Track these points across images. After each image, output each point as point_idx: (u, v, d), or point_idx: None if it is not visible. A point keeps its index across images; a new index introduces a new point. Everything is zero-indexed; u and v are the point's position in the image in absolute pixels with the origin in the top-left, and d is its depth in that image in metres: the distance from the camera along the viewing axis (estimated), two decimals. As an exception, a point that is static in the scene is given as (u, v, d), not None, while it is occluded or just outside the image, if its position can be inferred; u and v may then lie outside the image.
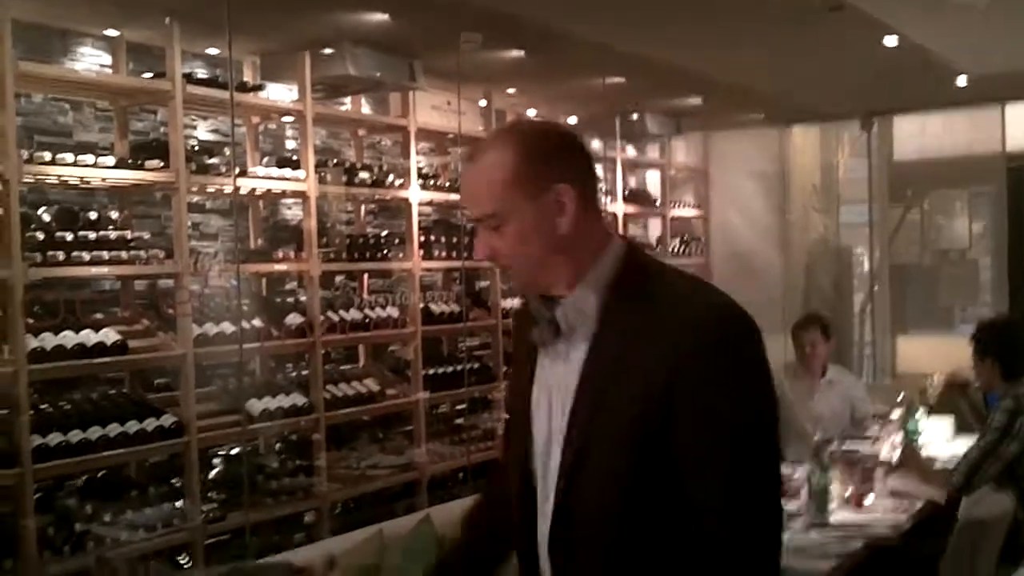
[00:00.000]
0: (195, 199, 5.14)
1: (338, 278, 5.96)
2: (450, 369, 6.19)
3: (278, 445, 5.37)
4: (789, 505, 4.35)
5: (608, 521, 1.70)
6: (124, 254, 4.35)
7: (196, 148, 5.01)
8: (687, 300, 1.73)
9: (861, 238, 9.95)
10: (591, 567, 1.72)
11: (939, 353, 7.97)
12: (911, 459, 4.91)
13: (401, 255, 5.89)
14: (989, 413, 4.42)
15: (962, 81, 7.55)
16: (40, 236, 4.08)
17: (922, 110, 9.17)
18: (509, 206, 1.75)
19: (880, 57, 6.58)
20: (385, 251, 5.81)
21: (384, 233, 6.03)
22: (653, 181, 9.15)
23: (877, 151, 9.35)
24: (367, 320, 5.54)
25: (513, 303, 6.76)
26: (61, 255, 4.10)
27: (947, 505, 4.52)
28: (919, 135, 9.85)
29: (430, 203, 6.31)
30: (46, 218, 4.28)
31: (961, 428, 5.68)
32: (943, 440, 5.63)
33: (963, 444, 4.83)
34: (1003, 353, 4.38)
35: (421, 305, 5.93)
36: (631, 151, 8.47)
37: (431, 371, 6.01)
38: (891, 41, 6.23)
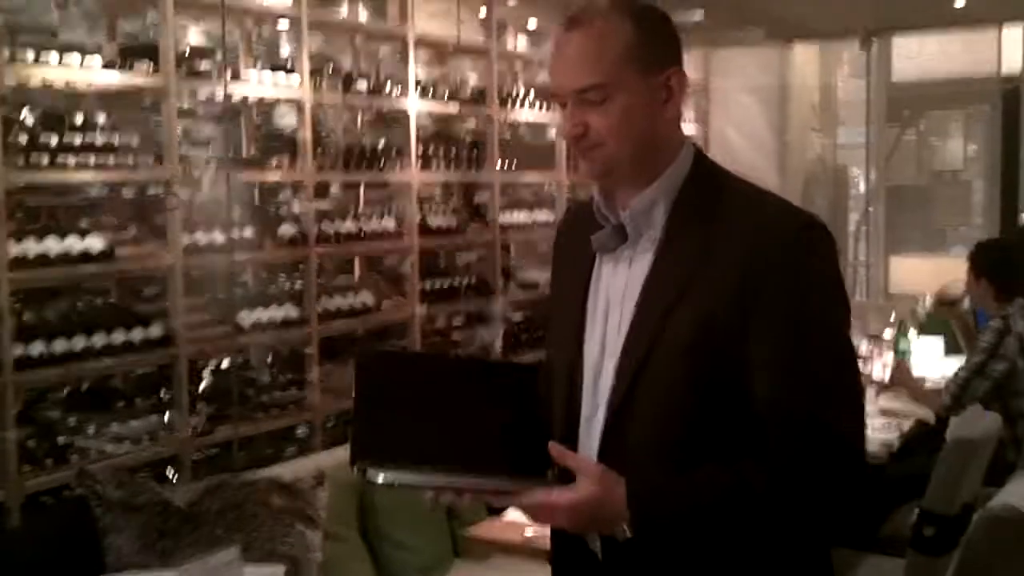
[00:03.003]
0: (186, 104, 4.99)
1: (333, 189, 5.84)
2: (447, 283, 6.10)
3: (269, 358, 5.30)
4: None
5: (667, 428, 1.63)
6: (111, 159, 4.21)
7: (187, 52, 4.84)
8: (761, 206, 1.66)
9: (858, 159, 9.91)
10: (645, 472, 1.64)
11: (931, 273, 8.00)
12: (902, 378, 4.93)
13: (398, 166, 5.76)
14: (979, 333, 4.42)
15: (959, 2, 7.47)
16: (23, 140, 3.93)
17: (920, 30, 9.08)
18: (620, 79, 1.63)
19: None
20: (382, 162, 5.67)
21: (381, 144, 5.89)
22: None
23: (875, 71, 9.26)
24: (362, 232, 5.44)
25: (514, 217, 6.66)
26: (45, 159, 3.96)
27: (936, 424, 4.54)
28: (916, 56, 9.77)
29: (429, 114, 6.17)
30: (30, 121, 4.13)
31: (951, 348, 5.69)
32: (933, 360, 5.65)
33: (953, 364, 4.84)
34: (997, 274, 4.39)
35: (418, 218, 5.82)
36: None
37: (428, 285, 5.92)
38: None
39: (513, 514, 3.07)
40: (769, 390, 1.58)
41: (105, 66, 4.28)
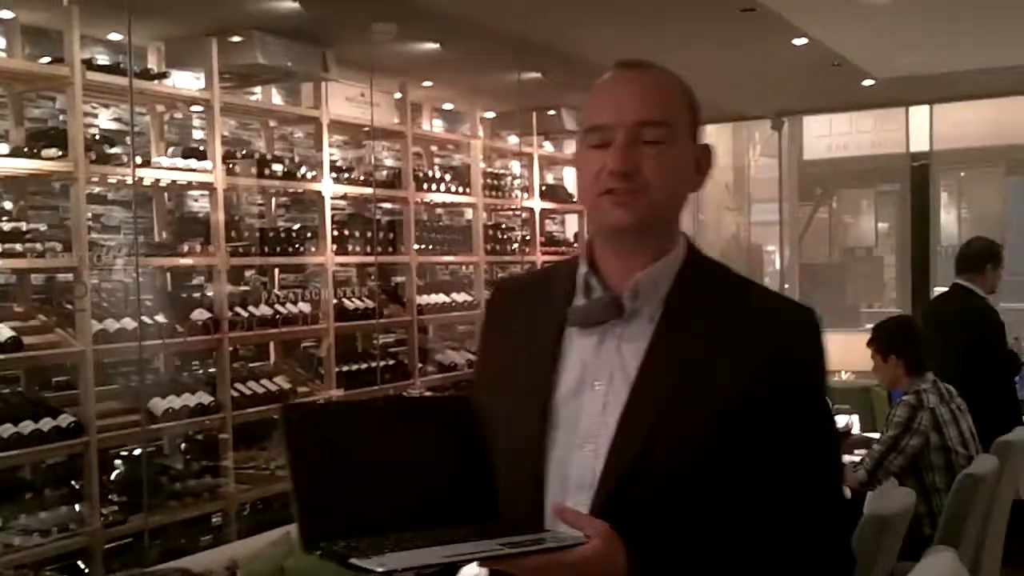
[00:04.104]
0: (96, 190, 4.95)
1: (248, 273, 5.80)
2: (364, 366, 6.06)
3: (183, 445, 5.20)
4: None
5: (673, 503, 1.50)
6: (19, 246, 4.17)
7: (97, 137, 4.82)
8: (767, 296, 1.65)
9: (772, 236, 10.11)
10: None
11: (846, 350, 8.12)
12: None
13: (314, 249, 5.76)
14: (892, 408, 4.47)
15: (868, 83, 7.74)
16: (-73, 227, 3.89)
17: (830, 111, 9.36)
18: (680, 127, 1.60)
19: (790, 58, 6.70)
20: (297, 245, 5.67)
21: (296, 227, 5.89)
22: (570, 177, 9.11)
23: (787, 151, 9.50)
24: (278, 316, 5.41)
25: (431, 299, 6.66)
26: (-50, 247, 3.91)
27: (851, 500, 4.56)
28: (827, 135, 10.05)
29: (344, 197, 6.18)
30: (-66, 208, 4.08)
31: (866, 426, 5.76)
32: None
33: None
34: (906, 349, 4.43)
35: (334, 301, 5.80)
36: (548, 147, 8.43)
37: (344, 368, 5.88)
38: (801, 42, 6.34)
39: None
40: (781, 480, 1.54)
41: (12, 152, 4.25)
